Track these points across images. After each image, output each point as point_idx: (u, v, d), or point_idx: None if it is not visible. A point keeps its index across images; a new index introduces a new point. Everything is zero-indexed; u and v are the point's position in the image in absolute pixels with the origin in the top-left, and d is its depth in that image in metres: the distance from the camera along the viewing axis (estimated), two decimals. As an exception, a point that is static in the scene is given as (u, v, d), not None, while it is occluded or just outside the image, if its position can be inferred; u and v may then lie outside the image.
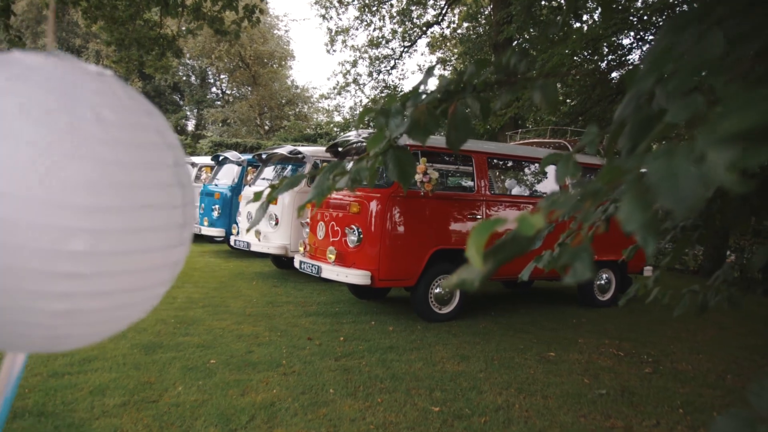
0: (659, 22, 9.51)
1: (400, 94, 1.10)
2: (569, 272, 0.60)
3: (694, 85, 0.65)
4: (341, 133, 21.64)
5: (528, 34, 10.43)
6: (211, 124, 33.30)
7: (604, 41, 10.34)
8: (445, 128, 1.04)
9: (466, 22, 18.54)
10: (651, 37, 10.14)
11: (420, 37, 19.03)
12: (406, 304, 6.06)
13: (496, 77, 1.14)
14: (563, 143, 8.81)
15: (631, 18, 9.78)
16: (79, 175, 0.54)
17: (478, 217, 5.51)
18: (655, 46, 0.78)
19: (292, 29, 67.53)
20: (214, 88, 34.88)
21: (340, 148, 6.53)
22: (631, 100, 0.90)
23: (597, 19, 11.04)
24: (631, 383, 3.90)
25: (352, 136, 6.12)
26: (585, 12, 10.28)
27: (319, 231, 5.80)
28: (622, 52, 11.19)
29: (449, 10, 18.48)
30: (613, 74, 11.48)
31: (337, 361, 4.01)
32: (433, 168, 5.25)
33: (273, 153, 8.37)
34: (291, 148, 8.03)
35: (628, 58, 11.00)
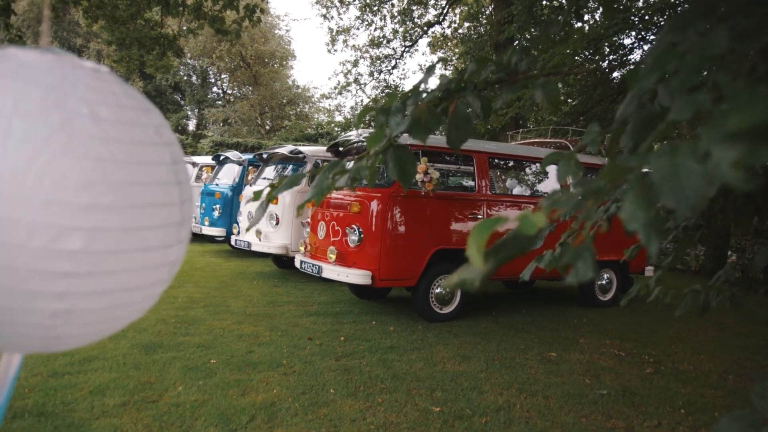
0: (660, 22, 9.49)
1: (401, 93, 1.09)
2: (571, 272, 0.59)
3: (698, 83, 0.64)
4: (342, 132, 21.63)
5: (529, 33, 10.42)
6: (212, 124, 33.31)
7: (606, 41, 10.32)
8: (446, 127, 1.04)
9: (467, 22, 18.53)
10: (652, 37, 10.12)
11: (421, 37, 19.01)
12: (407, 304, 6.06)
13: (497, 76, 1.13)
14: (564, 143, 8.81)
15: (633, 18, 9.77)
16: (75, 173, 0.53)
17: (479, 217, 5.50)
18: (658, 44, 0.77)
19: (293, 29, 67.70)
20: (215, 88, 34.92)
21: (341, 148, 6.52)
22: (634, 99, 0.89)
23: (598, 19, 11.03)
24: (633, 383, 3.89)
25: (353, 135, 6.10)
26: (586, 12, 10.27)
27: (319, 231, 5.80)
28: (624, 51, 11.17)
29: (450, 10, 18.47)
30: (615, 74, 11.47)
31: (337, 361, 4.00)
32: (434, 168, 5.24)
33: (274, 153, 8.36)
34: (292, 148, 8.03)
35: (629, 57, 10.99)
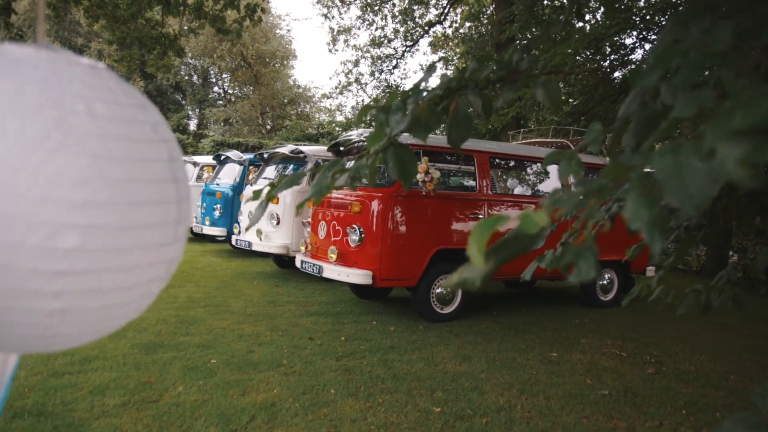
0: (662, 22, 9.48)
1: (401, 92, 1.08)
2: (573, 272, 0.58)
3: (701, 80, 0.64)
4: (343, 132, 21.63)
5: (530, 33, 10.41)
6: (213, 124, 33.34)
7: (607, 41, 10.32)
8: (447, 126, 1.03)
9: (468, 22, 18.54)
10: (653, 37, 10.11)
11: (422, 37, 19.02)
12: (408, 304, 6.05)
13: (499, 74, 1.12)
14: (565, 143, 8.80)
15: (634, 17, 9.76)
16: (70, 170, 0.53)
17: (480, 216, 5.49)
18: (660, 41, 0.76)
19: (294, 29, 67.75)
20: (216, 88, 34.95)
21: (342, 148, 6.51)
22: (636, 97, 0.88)
23: (599, 19, 11.02)
24: (634, 384, 3.88)
25: (354, 135, 6.10)
26: (587, 12, 10.25)
27: (320, 230, 5.79)
28: (625, 51, 11.16)
29: (451, 10, 18.47)
30: (616, 74, 11.46)
31: (338, 361, 3.99)
32: (434, 167, 5.24)
33: (275, 152, 8.36)
34: (293, 148, 8.03)
35: (630, 57, 10.97)
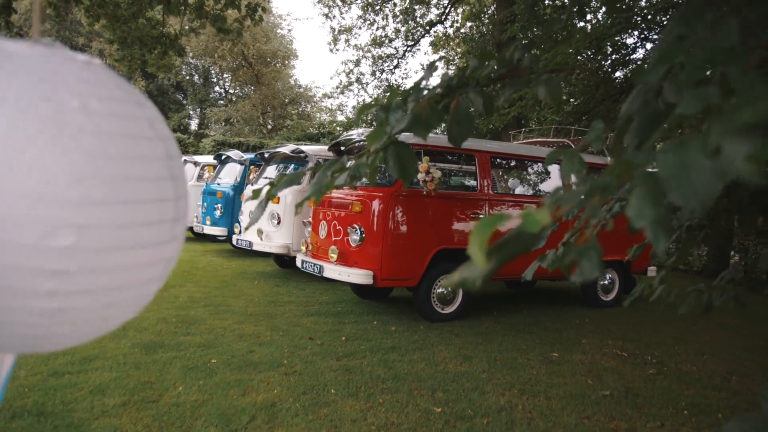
0: (663, 21, 9.47)
1: (402, 90, 1.07)
2: (576, 271, 0.57)
3: (706, 77, 0.63)
4: (344, 132, 21.62)
5: (531, 33, 10.41)
6: (214, 123, 33.35)
7: (608, 40, 10.30)
8: (447, 124, 1.02)
9: (469, 22, 18.53)
10: (655, 37, 10.10)
11: (423, 37, 19.01)
12: (409, 304, 6.04)
13: (500, 72, 1.11)
14: (567, 142, 8.79)
15: (635, 17, 9.74)
16: (65, 168, 0.52)
17: (481, 216, 5.48)
18: (664, 37, 0.75)
19: (295, 28, 67.74)
20: (217, 87, 34.96)
21: (343, 147, 6.50)
22: (639, 95, 0.87)
23: (601, 19, 11.01)
24: (635, 384, 3.87)
25: (355, 135, 6.09)
26: (589, 11, 10.24)
27: (321, 230, 5.78)
28: (626, 51, 11.15)
29: (452, 10, 18.46)
30: (617, 74, 11.44)
31: (338, 361, 3.99)
32: (435, 167, 5.23)
33: (276, 152, 8.35)
34: (294, 147, 8.02)
35: (631, 57, 10.96)
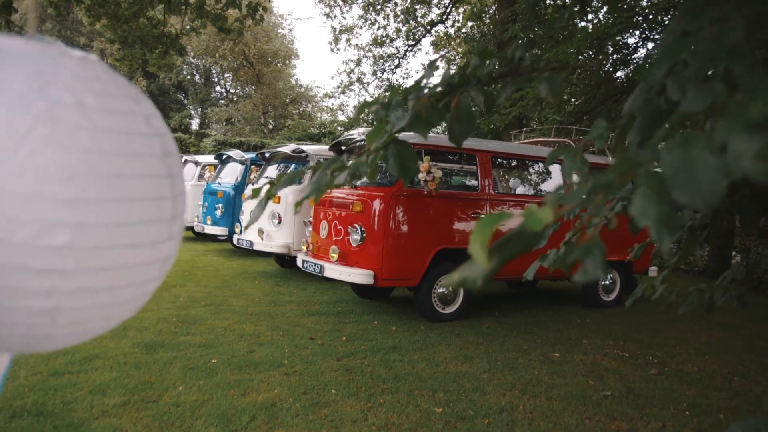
0: (665, 21, 9.45)
1: (402, 89, 1.07)
2: (579, 270, 0.56)
3: (712, 73, 0.62)
4: (345, 132, 21.63)
5: (533, 32, 10.40)
6: (215, 123, 33.36)
7: (609, 40, 10.28)
8: (448, 122, 1.01)
9: (470, 21, 18.51)
10: (657, 36, 10.08)
11: (424, 36, 19.00)
12: (410, 304, 6.03)
13: (501, 70, 1.10)
14: (568, 142, 8.78)
15: (637, 17, 9.72)
16: (59, 165, 0.51)
17: (482, 216, 5.46)
18: (669, 32, 0.74)
19: (296, 28, 67.80)
20: (218, 87, 34.97)
21: (344, 147, 6.49)
22: (642, 93, 0.86)
23: (602, 18, 10.99)
24: (637, 385, 3.86)
25: (356, 134, 6.08)
26: (590, 11, 10.22)
27: (322, 230, 5.78)
28: (627, 51, 11.13)
29: (453, 9, 18.45)
30: (618, 73, 11.43)
31: (339, 361, 3.98)
32: (436, 167, 5.22)
33: (276, 152, 8.35)
34: (294, 147, 8.02)
35: (633, 57, 10.94)
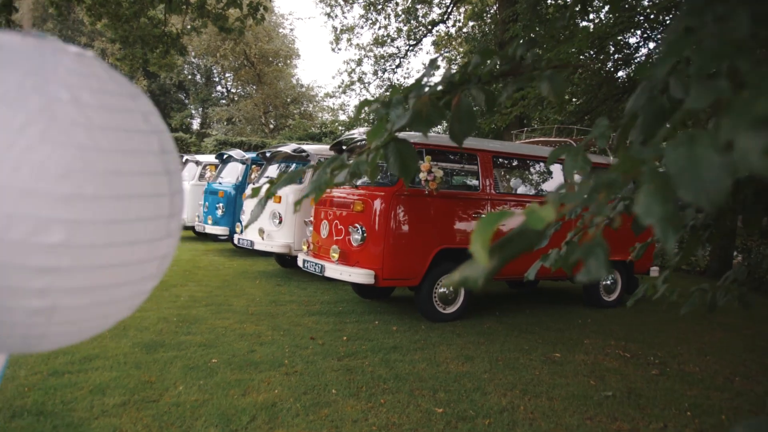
0: (666, 21, 9.43)
1: (403, 88, 1.06)
2: (581, 270, 0.56)
3: (716, 70, 0.61)
4: (346, 131, 21.62)
5: (534, 32, 10.38)
6: (216, 123, 33.37)
7: (610, 40, 10.27)
8: (449, 121, 1.00)
9: (471, 21, 18.50)
10: (658, 36, 10.06)
11: (425, 36, 18.99)
12: (410, 304, 6.03)
13: (502, 69, 1.10)
14: (569, 142, 8.77)
15: (638, 17, 9.71)
16: (55, 162, 0.50)
17: (483, 216, 5.46)
18: (672, 29, 0.74)
19: (297, 28, 67.79)
20: (219, 87, 34.99)
21: (345, 146, 6.48)
22: (644, 91, 0.85)
23: (603, 18, 10.97)
24: (638, 385, 3.85)
25: (356, 134, 6.07)
26: (591, 11, 10.20)
27: (322, 229, 5.77)
28: (629, 51, 11.11)
29: (455, 9, 18.44)
30: (620, 73, 11.41)
31: (339, 361, 3.97)
32: (437, 166, 5.21)
33: (277, 151, 8.34)
34: (295, 147, 8.01)
35: (634, 57, 10.92)
